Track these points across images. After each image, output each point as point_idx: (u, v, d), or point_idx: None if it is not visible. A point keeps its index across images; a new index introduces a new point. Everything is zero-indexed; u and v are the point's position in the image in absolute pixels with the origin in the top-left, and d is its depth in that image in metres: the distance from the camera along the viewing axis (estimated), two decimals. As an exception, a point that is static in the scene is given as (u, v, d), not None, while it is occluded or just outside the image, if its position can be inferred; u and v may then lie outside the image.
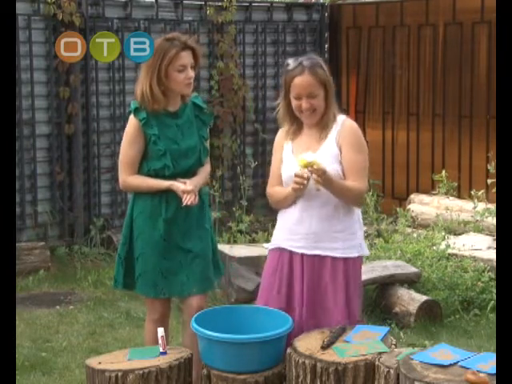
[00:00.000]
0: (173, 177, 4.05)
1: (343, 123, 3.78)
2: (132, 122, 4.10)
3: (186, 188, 3.98)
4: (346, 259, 3.73)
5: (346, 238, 3.74)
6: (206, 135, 4.27)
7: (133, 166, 4.08)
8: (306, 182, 3.55)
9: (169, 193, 4.04)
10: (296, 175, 3.58)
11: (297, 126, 3.84)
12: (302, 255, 3.74)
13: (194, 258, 4.11)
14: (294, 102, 3.75)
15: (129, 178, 4.09)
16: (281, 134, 3.92)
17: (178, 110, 4.14)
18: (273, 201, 3.89)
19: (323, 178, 3.54)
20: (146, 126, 4.04)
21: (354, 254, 3.75)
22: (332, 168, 3.64)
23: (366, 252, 3.87)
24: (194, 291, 4.11)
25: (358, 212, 3.83)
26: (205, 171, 4.23)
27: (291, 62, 3.76)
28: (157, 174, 4.06)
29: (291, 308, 3.74)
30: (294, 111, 3.78)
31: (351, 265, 3.75)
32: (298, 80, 3.71)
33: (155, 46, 4.09)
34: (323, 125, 3.76)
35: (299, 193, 3.65)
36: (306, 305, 3.71)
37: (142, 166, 4.09)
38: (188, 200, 3.97)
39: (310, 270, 3.72)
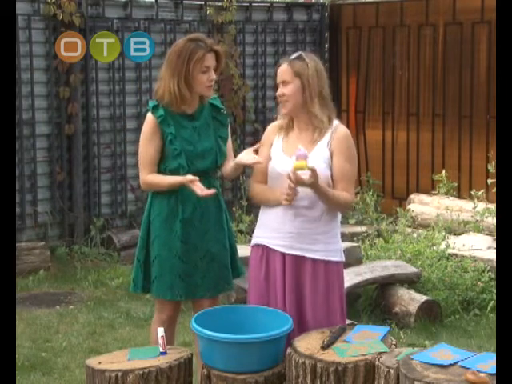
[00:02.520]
0: None
1: (337, 128, 3.78)
2: (149, 119, 4.07)
3: (196, 178, 3.93)
4: (327, 262, 3.73)
5: (328, 242, 3.75)
6: (226, 135, 4.23)
7: (151, 165, 4.06)
8: (295, 194, 3.59)
9: (185, 194, 4.02)
10: (289, 189, 3.58)
11: (291, 122, 3.85)
12: (284, 254, 3.75)
13: (210, 261, 4.09)
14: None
15: (148, 177, 4.07)
16: (272, 128, 3.92)
17: (194, 113, 4.13)
18: (256, 199, 3.91)
19: (313, 182, 3.55)
20: (164, 124, 4.03)
21: (336, 258, 3.76)
22: (323, 175, 3.65)
23: (343, 259, 3.85)
24: (208, 294, 4.11)
25: (339, 217, 3.85)
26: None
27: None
28: (172, 174, 4.04)
29: (275, 306, 3.75)
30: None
31: (333, 269, 3.75)
32: (278, 70, 3.80)
33: (179, 46, 4.05)
34: (314, 125, 3.76)
35: (290, 204, 3.65)
36: (289, 304, 3.72)
37: (159, 166, 4.08)
38: (205, 192, 3.89)
39: (291, 270, 3.73)
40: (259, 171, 3.86)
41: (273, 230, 3.78)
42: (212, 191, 3.93)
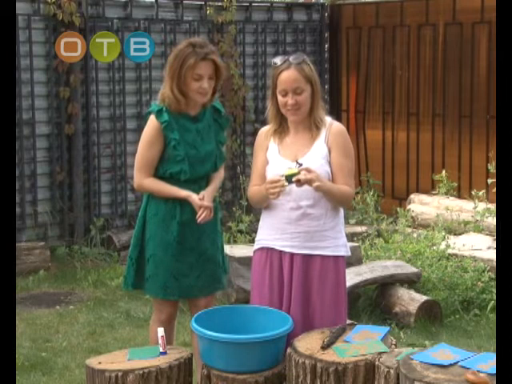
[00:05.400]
0: (188, 181, 4.04)
1: (331, 125, 3.78)
2: (152, 123, 4.04)
3: (203, 204, 3.97)
4: (335, 258, 3.74)
5: (336, 237, 3.76)
6: (224, 139, 4.25)
7: (150, 168, 4.05)
8: (278, 189, 3.57)
9: None
10: (270, 181, 3.59)
11: (284, 126, 3.81)
12: (292, 254, 3.74)
13: (205, 261, 4.11)
14: (279, 99, 3.73)
15: (145, 181, 4.06)
16: (263, 133, 3.89)
17: (198, 114, 4.12)
18: (253, 201, 3.89)
19: (316, 184, 3.56)
20: (168, 130, 4.01)
21: (342, 253, 3.78)
22: (323, 170, 3.66)
23: (349, 253, 3.87)
24: (201, 294, 4.12)
25: (342, 211, 3.85)
26: (219, 178, 4.23)
27: (278, 60, 3.76)
28: (172, 177, 4.04)
29: (282, 307, 3.74)
30: (280, 108, 3.76)
31: (341, 264, 3.77)
32: (283, 75, 3.70)
33: (177, 48, 4.04)
34: (312, 126, 3.76)
35: (276, 198, 3.64)
36: (294, 304, 3.72)
37: (158, 168, 4.06)
38: (203, 217, 3.97)
39: (299, 269, 3.72)
40: (257, 176, 3.84)
41: (279, 231, 3.76)
42: (209, 217, 3.99)
